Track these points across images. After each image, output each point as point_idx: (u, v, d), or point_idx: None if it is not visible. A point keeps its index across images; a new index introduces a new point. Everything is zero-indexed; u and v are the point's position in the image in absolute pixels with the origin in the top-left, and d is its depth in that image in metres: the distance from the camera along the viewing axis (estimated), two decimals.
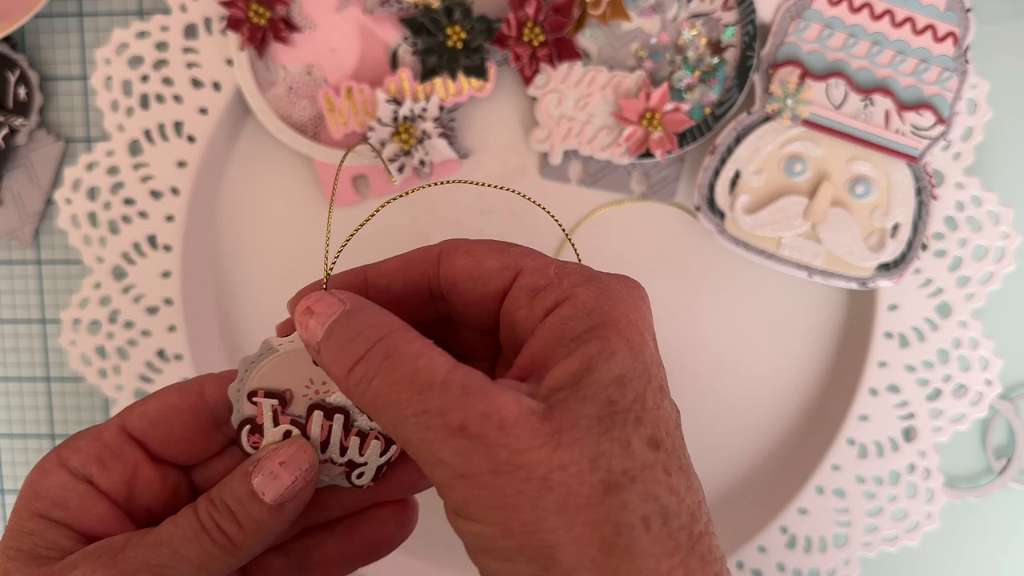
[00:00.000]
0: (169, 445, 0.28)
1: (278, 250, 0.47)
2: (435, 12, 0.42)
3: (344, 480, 0.28)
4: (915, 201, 0.42)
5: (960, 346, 0.44)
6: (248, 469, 0.27)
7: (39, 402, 0.49)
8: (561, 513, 0.21)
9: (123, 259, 0.46)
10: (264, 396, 0.27)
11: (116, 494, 0.27)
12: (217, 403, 0.28)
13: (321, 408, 0.27)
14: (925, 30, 0.41)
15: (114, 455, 0.27)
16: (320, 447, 0.28)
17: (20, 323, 0.49)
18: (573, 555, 0.21)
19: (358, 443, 0.28)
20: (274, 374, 0.27)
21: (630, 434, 0.22)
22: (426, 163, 0.44)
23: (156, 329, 0.46)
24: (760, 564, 0.46)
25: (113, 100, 0.45)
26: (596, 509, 0.21)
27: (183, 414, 0.28)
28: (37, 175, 0.47)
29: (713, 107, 0.43)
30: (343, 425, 0.27)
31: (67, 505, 0.27)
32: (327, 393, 0.27)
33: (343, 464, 0.28)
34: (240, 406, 0.27)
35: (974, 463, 0.47)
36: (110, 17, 0.46)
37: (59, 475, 0.27)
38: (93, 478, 0.27)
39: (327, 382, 0.27)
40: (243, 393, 0.27)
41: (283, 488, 0.26)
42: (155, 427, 0.28)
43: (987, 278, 0.44)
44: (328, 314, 0.25)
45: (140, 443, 0.28)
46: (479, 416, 0.22)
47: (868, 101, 0.42)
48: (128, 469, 0.27)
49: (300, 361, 0.27)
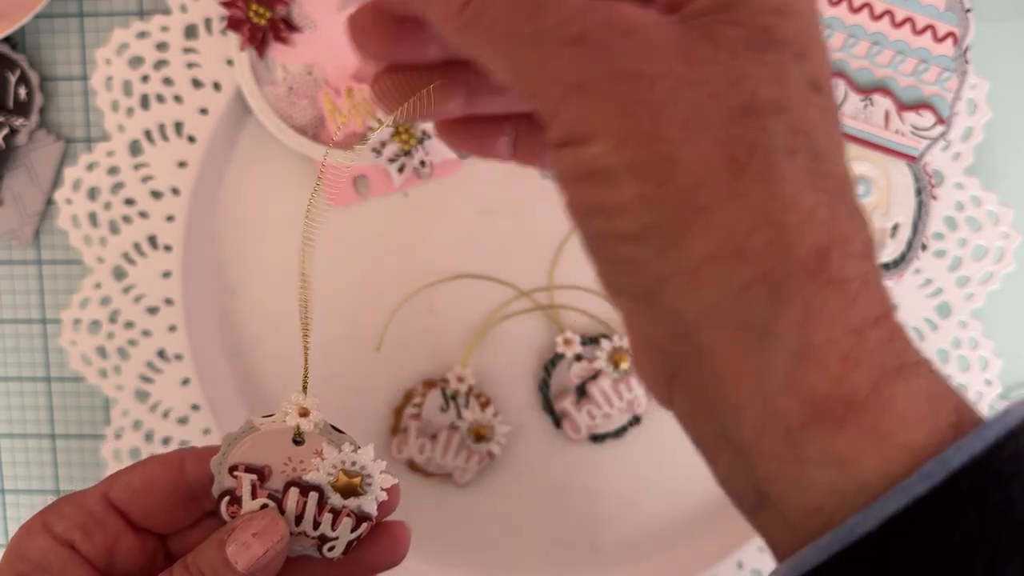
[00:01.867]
0: (150, 516, 0.29)
1: (278, 250, 0.47)
2: None
3: (315, 552, 0.30)
4: (915, 201, 0.42)
5: (960, 346, 0.44)
6: (223, 537, 0.28)
7: (39, 402, 0.49)
8: (686, 127, 0.18)
9: (123, 259, 0.46)
10: (244, 471, 0.29)
11: (97, 560, 0.28)
12: (196, 477, 0.29)
13: (297, 485, 0.29)
14: (925, 30, 0.41)
15: (97, 523, 0.29)
16: (295, 521, 0.29)
17: (20, 323, 0.49)
18: (694, 171, 0.18)
19: (331, 519, 0.29)
20: (255, 450, 0.29)
21: (788, 63, 0.19)
22: (426, 163, 0.44)
23: (156, 329, 0.46)
24: (761, 564, 0.46)
25: (113, 100, 0.45)
26: (729, 128, 0.18)
27: (165, 487, 0.29)
28: (37, 175, 0.47)
29: None
30: (317, 502, 0.29)
31: (50, 569, 0.28)
32: (303, 471, 0.29)
33: (315, 537, 0.29)
34: (221, 478, 0.29)
35: None
36: (110, 17, 0.46)
37: (43, 539, 0.28)
38: (76, 544, 0.28)
39: (304, 461, 0.29)
40: (224, 466, 0.29)
41: (255, 558, 0.27)
42: (138, 498, 0.29)
43: (987, 278, 0.44)
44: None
45: (122, 512, 0.29)
46: (601, 24, 0.19)
47: (868, 101, 0.42)
48: (110, 537, 0.29)
49: (280, 438, 0.29)
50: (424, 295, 0.46)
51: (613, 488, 0.48)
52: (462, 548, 0.48)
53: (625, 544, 0.48)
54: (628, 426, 0.46)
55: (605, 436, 0.46)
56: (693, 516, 0.48)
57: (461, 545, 0.48)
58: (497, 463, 0.47)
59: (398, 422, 0.46)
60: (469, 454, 0.46)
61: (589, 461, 0.47)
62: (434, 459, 0.46)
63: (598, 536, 0.48)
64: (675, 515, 0.48)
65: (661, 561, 0.48)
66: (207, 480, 0.29)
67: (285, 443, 0.29)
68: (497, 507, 0.48)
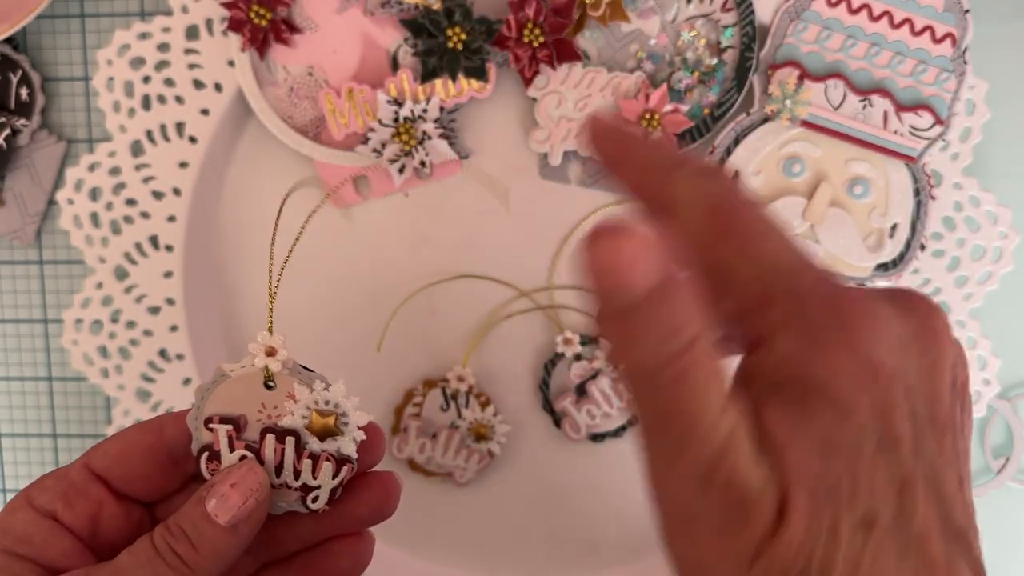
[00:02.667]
0: (131, 482, 0.29)
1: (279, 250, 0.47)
2: (435, 14, 0.42)
3: (300, 505, 0.29)
4: (913, 201, 0.42)
5: None
6: (202, 494, 0.27)
7: (41, 402, 0.50)
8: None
9: (125, 259, 0.46)
10: (219, 422, 0.28)
11: (80, 530, 0.28)
12: (175, 440, 0.29)
13: (273, 432, 0.28)
14: (924, 31, 0.41)
15: (79, 493, 0.29)
16: (275, 472, 0.28)
17: (22, 323, 0.49)
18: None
19: (310, 465, 0.28)
20: (228, 399, 0.28)
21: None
22: (427, 164, 0.44)
23: (158, 329, 0.46)
24: None
25: (115, 101, 0.45)
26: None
27: (143, 451, 0.29)
28: (39, 176, 0.47)
29: (712, 108, 0.43)
30: (295, 448, 0.28)
31: (32, 541, 0.28)
32: (279, 417, 0.28)
33: (298, 488, 0.29)
34: (198, 434, 0.28)
35: (972, 462, 0.47)
36: (112, 18, 0.46)
37: (25, 512, 0.28)
38: (58, 514, 0.28)
39: (278, 406, 0.28)
40: (200, 420, 0.28)
41: (235, 509, 0.27)
42: (117, 464, 0.29)
43: (985, 278, 0.44)
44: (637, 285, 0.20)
45: (104, 480, 0.29)
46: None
47: (866, 102, 0.42)
48: (92, 506, 0.29)
49: (252, 385, 0.28)
50: (424, 295, 0.47)
51: (613, 487, 0.48)
52: (462, 547, 0.48)
53: (625, 544, 0.48)
54: (628, 425, 0.46)
55: (605, 435, 0.46)
56: None
57: (461, 544, 0.48)
58: (497, 463, 0.47)
59: (398, 421, 0.47)
60: (469, 453, 0.46)
61: (589, 460, 0.47)
62: (434, 458, 0.46)
63: (598, 535, 0.48)
64: None
65: (661, 560, 0.48)
66: (186, 441, 0.29)
67: (258, 389, 0.28)
68: (497, 507, 0.48)
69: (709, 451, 0.20)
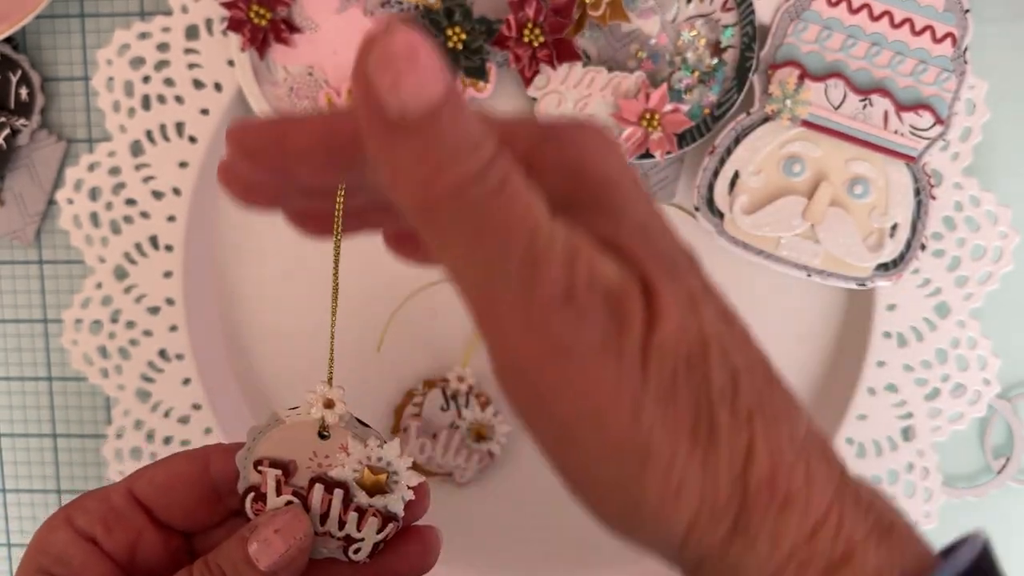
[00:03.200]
0: (173, 512, 0.29)
1: (279, 250, 0.47)
2: (435, 14, 0.42)
3: (341, 554, 0.29)
4: (913, 201, 0.42)
5: (958, 346, 0.45)
6: (245, 535, 0.27)
7: (41, 402, 0.50)
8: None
9: (125, 259, 0.46)
10: (269, 466, 0.28)
11: (118, 555, 0.28)
12: (221, 475, 0.29)
13: (322, 481, 0.28)
14: (924, 31, 0.41)
15: (119, 518, 0.28)
16: (320, 520, 0.28)
17: (22, 323, 0.49)
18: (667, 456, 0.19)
19: (356, 518, 0.28)
20: (280, 444, 0.28)
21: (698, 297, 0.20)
22: None
23: (158, 329, 0.46)
24: None
25: (115, 101, 0.45)
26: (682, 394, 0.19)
27: (189, 484, 0.29)
28: (39, 175, 0.47)
29: (712, 108, 0.43)
30: (343, 500, 0.28)
31: (70, 563, 0.27)
32: (329, 467, 0.28)
33: (341, 538, 0.29)
34: (246, 473, 0.28)
35: (972, 462, 0.47)
36: (112, 18, 0.46)
37: (65, 532, 0.28)
38: (97, 538, 0.28)
39: (329, 456, 0.28)
40: (250, 461, 0.28)
41: (277, 555, 0.27)
42: (161, 494, 0.29)
43: (985, 278, 0.44)
44: (433, 84, 0.18)
45: (145, 507, 0.29)
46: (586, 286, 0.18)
47: (867, 102, 0.42)
48: (132, 533, 0.28)
49: (305, 432, 0.28)
50: (425, 295, 0.46)
51: None
52: (462, 547, 0.48)
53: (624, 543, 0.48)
54: None
55: None
56: None
57: (461, 544, 0.48)
58: (497, 463, 0.47)
59: (399, 421, 0.47)
60: (469, 454, 0.46)
61: None
62: (434, 458, 0.46)
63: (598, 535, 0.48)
64: None
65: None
66: (232, 477, 0.29)
67: (311, 437, 0.28)
68: (497, 507, 0.48)
69: (561, 260, 0.18)
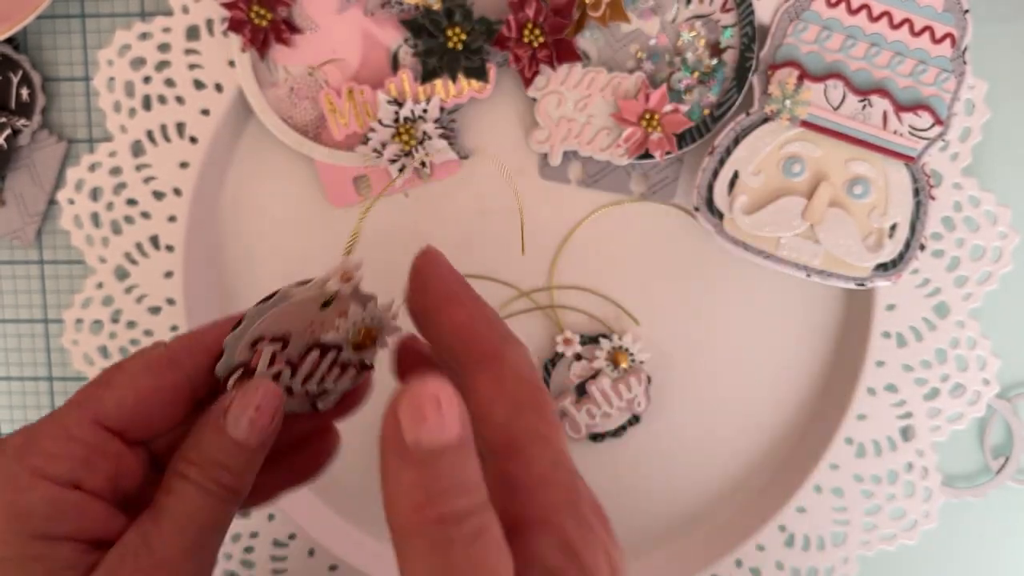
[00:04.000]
0: (150, 428, 0.27)
1: (280, 250, 0.47)
2: (436, 14, 0.42)
3: (308, 407, 0.29)
4: (913, 201, 0.42)
5: (958, 346, 0.45)
6: (221, 422, 0.26)
7: (41, 402, 0.50)
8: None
9: (125, 259, 0.46)
10: (270, 341, 0.27)
11: (105, 491, 0.26)
12: (196, 371, 0.27)
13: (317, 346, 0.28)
14: (923, 31, 0.41)
15: (99, 454, 0.26)
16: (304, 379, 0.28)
17: (23, 323, 0.49)
18: None
19: (338, 373, 0.28)
20: (280, 320, 0.27)
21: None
22: (427, 164, 0.44)
23: (158, 329, 0.46)
24: (758, 562, 0.46)
25: (115, 101, 0.45)
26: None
27: (165, 394, 0.27)
28: (40, 176, 0.47)
29: (712, 108, 0.43)
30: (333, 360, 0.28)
31: (65, 517, 0.25)
32: (324, 332, 0.28)
33: (315, 393, 0.28)
34: (233, 352, 0.27)
35: (972, 462, 0.47)
36: (112, 18, 0.46)
37: (44, 488, 0.25)
38: (83, 483, 0.25)
39: (324, 323, 0.27)
40: (244, 340, 0.27)
41: (264, 429, 0.27)
42: (136, 416, 0.27)
43: (985, 278, 0.44)
44: (447, 431, 0.21)
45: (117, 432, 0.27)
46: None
47: (866, 102, 0.42)
48: (112, 464, 0.26)
49: (307, 307, 0.27)
50: None
51: (612, 487, 0.48)
52: None
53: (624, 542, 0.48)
54: (627, 425, 0.46)
55: (604, 435, 0.46)
56: (692, 514, 0.48)
57: None
58: None
59: None
60: None
61: (589, 460, 0.47)
62: None
63: None
64: (674, 513, 0.48)
65: (660, 559, 0.48)
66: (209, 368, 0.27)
67: (313, 309, 0.27)
68: None
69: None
